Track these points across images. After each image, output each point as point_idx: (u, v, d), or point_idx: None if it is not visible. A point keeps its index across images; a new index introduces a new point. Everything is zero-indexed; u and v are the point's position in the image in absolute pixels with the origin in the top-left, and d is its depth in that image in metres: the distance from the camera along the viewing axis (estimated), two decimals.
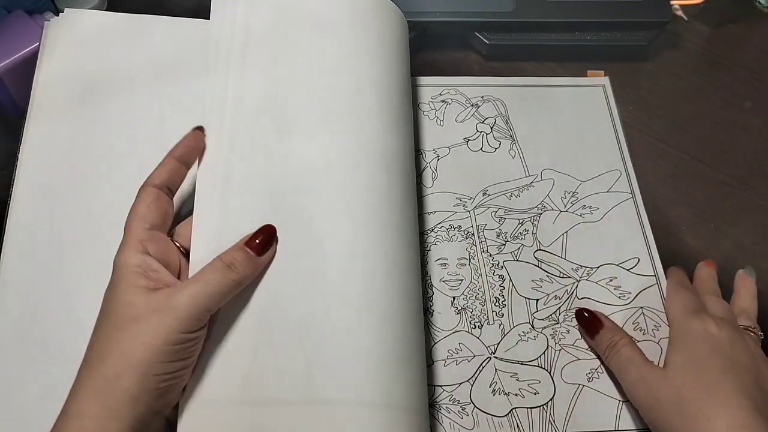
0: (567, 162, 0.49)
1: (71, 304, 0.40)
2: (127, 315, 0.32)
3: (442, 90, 0.53)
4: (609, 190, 0.48)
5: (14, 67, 0.46)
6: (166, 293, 0.32)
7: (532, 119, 0.51)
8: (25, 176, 0.43)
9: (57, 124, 0.44)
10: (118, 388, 0.30)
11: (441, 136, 0.50)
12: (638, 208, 0.47)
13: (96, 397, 0.30)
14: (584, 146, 0.50)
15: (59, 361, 0.38)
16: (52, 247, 0.41)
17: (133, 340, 0.31)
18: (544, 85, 0.54)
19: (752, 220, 0.50)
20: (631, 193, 0.48)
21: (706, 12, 0.60)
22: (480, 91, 0.53)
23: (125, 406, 0.30)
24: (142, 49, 0.47)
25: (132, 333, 0.31)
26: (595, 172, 0.49)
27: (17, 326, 0.39)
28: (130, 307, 0.32)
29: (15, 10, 0.48)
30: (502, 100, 0.52)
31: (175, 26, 0.48)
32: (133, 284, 0.32)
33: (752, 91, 0.57)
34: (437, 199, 0.47)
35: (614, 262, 0.45)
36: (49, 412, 0.31)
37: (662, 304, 0.43)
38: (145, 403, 0.30)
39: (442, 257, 0.45)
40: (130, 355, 0.30)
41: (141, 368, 0.30)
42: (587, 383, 0.40)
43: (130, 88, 0.46)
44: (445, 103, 0.52)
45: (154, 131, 0.45)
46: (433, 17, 0.54)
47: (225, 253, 0.34)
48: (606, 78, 0.54)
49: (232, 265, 0.34)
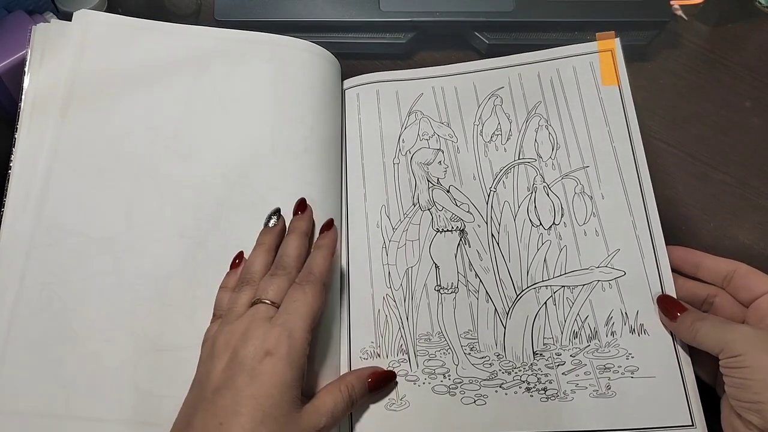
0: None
1: (66, 306, 0.40)
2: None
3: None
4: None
5: (14, 67, 0.46)
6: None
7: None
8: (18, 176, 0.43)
9: (47, 127, 0.44)
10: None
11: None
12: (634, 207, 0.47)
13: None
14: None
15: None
16: (48, 248, 0.41)
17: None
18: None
19: (752, 220, 0.50)
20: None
21: (706, 12, 0.60)
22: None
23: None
24: (135, 52, 0.47)
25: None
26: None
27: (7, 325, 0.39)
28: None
29: (15, 10, 0.48)
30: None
31: (169, 31, 0.48)
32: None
33: (752, 91, 0.57)
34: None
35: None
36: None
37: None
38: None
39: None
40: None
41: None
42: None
43: (124, 91, 0.46)
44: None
45: (147, 134, 0.45)
46: (433, 17, 0.54)
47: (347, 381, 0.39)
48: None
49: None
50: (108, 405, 0.38)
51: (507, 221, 0.46)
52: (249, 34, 0.49)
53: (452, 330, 0.42)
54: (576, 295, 0.43)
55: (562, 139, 0.48)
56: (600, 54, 0.50)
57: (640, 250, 0.44)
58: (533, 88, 0.50)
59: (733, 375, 0.36)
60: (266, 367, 0.34)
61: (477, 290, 0.44)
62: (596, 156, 0.47)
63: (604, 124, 0.48)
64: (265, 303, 0.38)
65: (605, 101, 0.48)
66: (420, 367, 0.41)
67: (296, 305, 0.37)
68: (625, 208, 0.45)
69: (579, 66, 0.50)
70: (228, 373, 0.35)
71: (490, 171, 0.48)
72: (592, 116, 0.48)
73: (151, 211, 0.43)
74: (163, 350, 0.40)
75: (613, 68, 0.49)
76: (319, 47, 0.50)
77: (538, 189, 0.47)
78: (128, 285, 0.41)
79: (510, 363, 0.41)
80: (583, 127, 0.48)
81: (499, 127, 0.49)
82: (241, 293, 0.39)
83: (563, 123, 0.48)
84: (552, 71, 0.50)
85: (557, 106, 0.49)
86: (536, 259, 0.45)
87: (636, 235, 0.44)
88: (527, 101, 0.50)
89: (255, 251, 0.42)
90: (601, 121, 0.48)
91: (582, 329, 0.42)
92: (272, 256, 0.42)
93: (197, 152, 0.45)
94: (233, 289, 0.41)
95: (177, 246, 0.43)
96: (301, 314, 0.36)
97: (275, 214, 0.44)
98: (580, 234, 0.45)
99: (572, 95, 0.49)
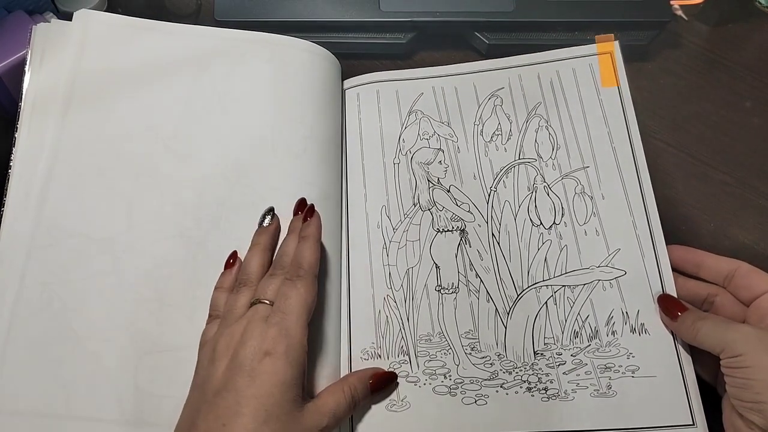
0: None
1: (66, 306, 0.40)
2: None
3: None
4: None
5: (14, 67, 0.46)
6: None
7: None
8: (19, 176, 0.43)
9: (48, 127, 0.44)
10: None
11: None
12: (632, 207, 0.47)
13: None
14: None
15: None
16: (48, 248, 0.41)
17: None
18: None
19: (752, 220, 0.50)
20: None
21: (706, 12, 0.60)
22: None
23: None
24: (135, 52, 0.47)
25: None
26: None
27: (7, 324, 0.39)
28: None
29: (15, 10, 0.48)
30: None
31: (170, 31, 0.48)
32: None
33: (752, 91, 0.57)
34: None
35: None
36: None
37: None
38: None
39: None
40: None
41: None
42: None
43: (124, 91, 0.46)
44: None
45: (147, 134, 0.45)
46: (433, 17, 0.54)
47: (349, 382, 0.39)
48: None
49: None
50: (108, 405, 0.38)
51: (507, 221, 0.46)
52: (249, 34, 0.49)
53: (453, 330, 0.42)
54: (576, 295, 0.43)
55: (562, 139, 0.48)
56: (599, 56, 0.50)
57: (641, 249, 0.44)
58: (533, 89, 0.50)
59: (735, 375, 0.36)
60: (266, 367, 0.34)
61: (477, 290, 0.44)
62: (596, 156, 0.47)
63: (604, 125, 0.48)
64: (264, 303, 0.38)
65: (605, 102, 0.48)
66: (421, 368, 0.41)
67: (290, 302, 0.37)
68: (626, 208, 0.45)
69: (578, 68, 0.50)
70: (228, 374, 0.35)
71: (491, 170, 0.48)
72: (592, 117, 0.48)
73: (151, 211, 0.43)
74: (162, 350, 0.40)
75: (613, 70, 0.50)
76: (319, 47, 0.50)
77: (538, 189, 0.47)
78: (128, 285, 0.41)
79: (511, 363, 0.41)
80: (583, 127, 0.48)
81: (500, 127, 0.49)
82: (239, 295, 0.39)
83: (563, 124, 0.49)
84: (552, 73, 0.50)
85: (557, 107, 0.49)
86: (537, 259, 0.45)
87: (636, 234, 0.44)
88: (527, 102, 0.50)
89: (251, 252, 0.42)
90: (600, 122, 0.48)
91: (583, 329, 0.42)
92: (269, 256, 0.42)
93: (197, 152, 0.45)
94: (229, 289, 0.41)
95: (177, 246, 0.42)
96: (296, 311, 0.36)
97: (269, 214, 0.44)
98: (580, 234, 0.45)
99: (572, 96, 0.49)
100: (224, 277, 0.42)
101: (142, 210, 0.43)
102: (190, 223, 0.43)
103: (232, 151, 0.45)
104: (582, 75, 0.50)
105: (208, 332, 0.39)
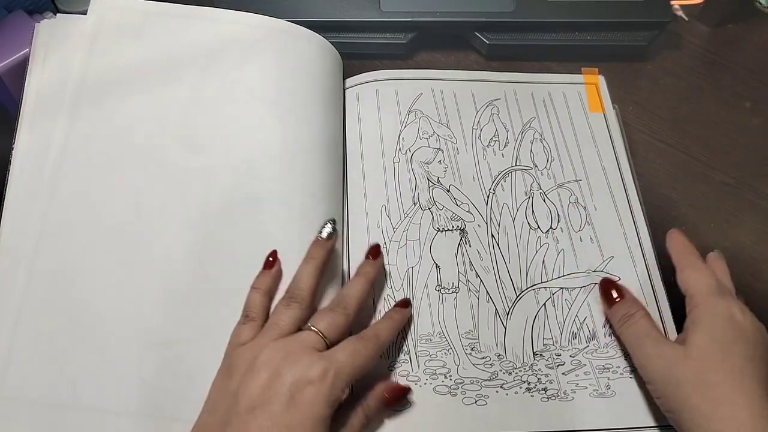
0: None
1: (73, 297, 0.40)
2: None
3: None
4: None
5: (14, 67, 0.46)
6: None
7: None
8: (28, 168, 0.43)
9: (50, 126, 0.44)
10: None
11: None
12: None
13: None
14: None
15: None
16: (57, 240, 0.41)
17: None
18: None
19: (752, 220, 0.50)
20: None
21: (706, 12, 0.60)
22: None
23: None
24: (146, 41, 0.47)
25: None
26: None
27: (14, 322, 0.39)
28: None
29: (15, 10, 0.48)
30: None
31: (176, 21, 0.48)
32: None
33: (752, 91, 0.57)
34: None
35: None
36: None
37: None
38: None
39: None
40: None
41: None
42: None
43: (135, 82, 0.46)
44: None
45: (152, 130, 0.45)
46: (433, 17, 0.54)
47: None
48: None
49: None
50: (114, 396, 0.38)
51: (506, 223, 0.46)
52: (263, 19, 0.49)
53: (453, 330, 0.42)
54: (574, 297, 0.43)
55: (555, 153, 0.50)
56: (586, 85, 0.54)
57: (632, 259, 0.45)
58: (527, 104, 0.52)
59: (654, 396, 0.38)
60: (306, 397, 0.33)
61: (477, 290, 0.44)
62: (587, 171, 0.49)
63: (593, 145, 0.50)
64: (313, 332, 0.37)
65: (593, 126, 0.52)
66: (421, 368, 0.41)
67: (354, 354, 0.36)
68: (616, 221, 0.47)
69: (568, 93, 0.53)
70: (267, 394, 0.34)
71: (489, 173, 0.48)
72: (582, 137, 0.51)
73: (159, 203, 0.43)
74: (169, 343, 0.40)
75: (598, 99, 0.53)
76: (326, 41, 0.50)
77: (534, 195, 0.48)
78: (136, 277, 0.41)
79: (510, 363, 0.41)
80: (575, 144, 0.50)
81: (497, 134, 0.50)
82: (289, 309, 0.38)
83: (556, 140, 0.51)
84: (544, 93, 0.53)
85: (550, 124, 0.51)
86: (535, 261, 0.45)
87: (627, 245, 0.46)
88: (522, 115, 0.52)
89: (306, 264, 0.40)
90: (590, 142, 0.51)
91: (581, 330, 0.42)
92: (321, 273, 0.40)
93: (206, 143, 0.45)
94: (266, 292, 0.39)
95: (185, 239, 0.42)
96: (354, 364, 0.36)
97: (331, 224, 0.41)
98: (576, 239, 0.46)
99: (563, 117, 0.52)
100: (262, 278, 0.40)
101: (151, 202, 0.43)
102: (197, 216, 0.43)
103: (240, 143, 0.45)
104: (572, 99, 0.53)
105: (242, 334, 0.37)
